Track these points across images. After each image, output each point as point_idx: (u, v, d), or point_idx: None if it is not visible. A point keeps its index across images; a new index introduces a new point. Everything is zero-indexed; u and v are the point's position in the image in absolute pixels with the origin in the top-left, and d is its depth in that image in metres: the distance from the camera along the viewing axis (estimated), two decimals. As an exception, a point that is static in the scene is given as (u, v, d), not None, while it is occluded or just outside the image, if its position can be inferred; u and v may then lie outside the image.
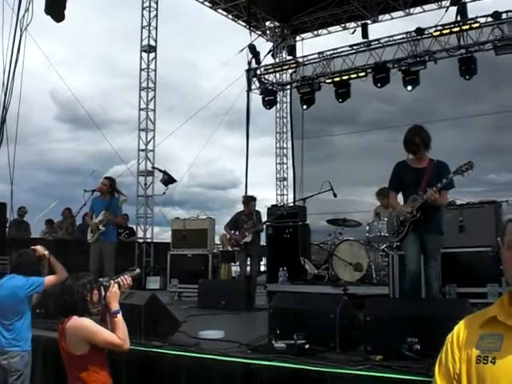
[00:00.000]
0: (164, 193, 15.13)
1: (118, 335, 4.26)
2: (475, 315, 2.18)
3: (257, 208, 11.16)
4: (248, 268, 10.97)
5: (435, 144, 6.57)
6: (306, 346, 5.00)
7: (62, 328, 4.24)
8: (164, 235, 16.97)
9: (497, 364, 1.96)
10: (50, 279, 5.69)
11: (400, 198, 6.73)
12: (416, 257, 6.41)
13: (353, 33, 15.33)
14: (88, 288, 4.41)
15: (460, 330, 2.15)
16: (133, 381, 5.38)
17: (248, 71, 15.70)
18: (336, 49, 14.79)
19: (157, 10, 17.02)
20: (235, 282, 12.05)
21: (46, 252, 5.86)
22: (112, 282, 4.53)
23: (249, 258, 10.87)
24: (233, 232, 10.98)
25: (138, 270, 4.71)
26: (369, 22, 15.76)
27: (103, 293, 4.43)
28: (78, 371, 4.20)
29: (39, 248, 5.86)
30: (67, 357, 4.23)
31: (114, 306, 4.42)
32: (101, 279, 4.69)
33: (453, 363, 2.09)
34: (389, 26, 16.39)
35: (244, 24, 17.89)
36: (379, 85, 13.73)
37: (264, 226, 10.99)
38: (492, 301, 2.18)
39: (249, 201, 11.06)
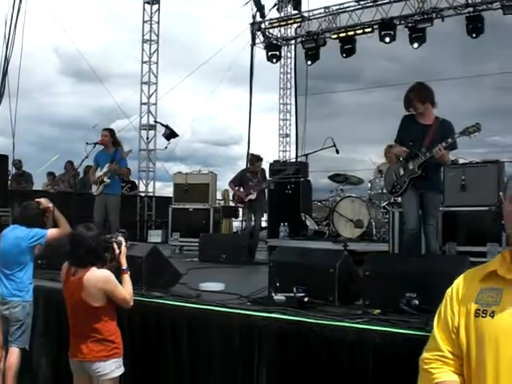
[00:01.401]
0: (166, 147, 15.08)
1: (128, 292, 4.37)
2: (475, 269, 2.19)
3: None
4: (252, 223, 11.01)
5: (440, 103, 6.53)
6: (306, 299, 5.04)
7: (77, 279, 4.28)
8: (166, 190, 17.05)
9: (495, 318, 1.98)
10: (52, 232, 5.73)
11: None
12: (415, 214, 6.44)
13: (360, -13, 15.07)
14: (105, 240, 4.51)
15: (460, 284, 2.16)
16: (134, 331, 5.45)
17: (252, 25, 15.49)
18: (342, 4, 14.55)
19: (160, -40, 16.77)
20: (236, 237, 12.12)
21: (51, 205, 5.89)
22: (123, 239, 4.60)
23: (253, 214, 10.90)
24: (237, 188, 11.00)
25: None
26: (376, -24, 15.50)
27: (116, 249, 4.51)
28: (94, 322, 4.32)
29: (43, 201, 5.88)
30: (82, 307, 4.29)
31: (124, 262, 4.51)
32: (108, 235, 4.74)
33: (452, 317, 2.10)
34: (396, -18, 16.12)
35: (249, -24, 17.60)
36: (387, 40, 13.54)
37: (270, 183, 10.99)
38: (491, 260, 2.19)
39: (254, 160, 11.05)
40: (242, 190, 10.91)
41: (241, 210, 11.82)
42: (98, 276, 4.30)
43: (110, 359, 4.36)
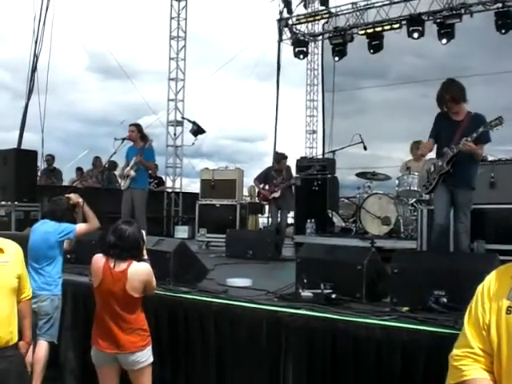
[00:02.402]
0: (193, 143, 15.12)
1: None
2: (507, 266, 2.17)
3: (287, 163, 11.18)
4: (279, 220, 11.01)
5: (469, 99, 6.48)
6: (333, 296, 5.04)
7: (120, 272, 4.39)
8: (192, 186, 17.12)
9: (526, 315, 1.96)
10: (81, 227, 5.80)
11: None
12: (445, 210, 6.40)
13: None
14: (141, 234, 4.64)
15: (491, 280, 2.15)
16: (161, 325, 5.49)
17: (279, 21, 15.49)
18: (370, -1, 14.50)
19: (188, -43, 16.81)
20: (263, 233, 12.12)
21: (80, 200, 5.95)
22: (143, 230, 4.72)
23: (279, 211, 10.90)
24: (262, 186, 11.02)
25: None
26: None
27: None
28: (131, 313, 4.45)
29: (73, 196, 5.94)
30: (124, 299, 4.40)
31: (145, 253, 4.63)
32: None
33: (483, 313, 2.09)
34: (425, -23, 16.00)
35: (277, -27, 17.56)
36: (416, 36, 13.45)
37: (297, 180, 10.98)
38: (520, 259, 2.17)
39: (280, 159, 11.05)
40: (267, 187, 10.92)
41: (267, 206, 11.83)
42: (143, 268, 4.47)
43: (146, 347, 4.51)
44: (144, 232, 4.78)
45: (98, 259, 4.53)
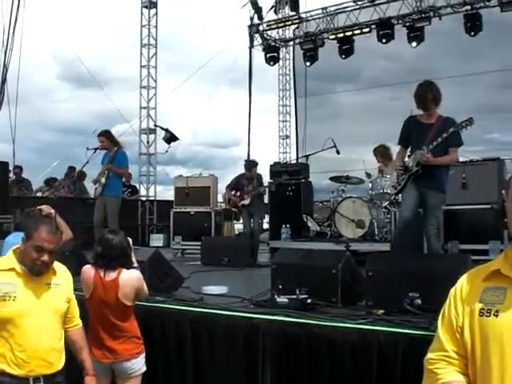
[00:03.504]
0: (166, 151, 15.06)
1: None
2: (479, 269, 2.18)
3: (259, 166, 11.20)
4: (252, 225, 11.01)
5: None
6: (308, 301, 5.04)
7: (111, 281, 4.40)
8: (166, 194, 17.03)
9: (500, 317, 1.97)
10: None
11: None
12: (410, 204, 6.41)
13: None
14: (128, 242, 4.68)
15: (463, 283, 2.15)
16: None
17: (250, 27, 15.52)
18: (340, 4, 14.56)
19: (157, -35, 16.79)
20: (238, 239, 12.10)
21: (52, 211, 5.88)
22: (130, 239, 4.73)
23: (252, 217, 10.90)
24: (233, 193, 11.03)
25: None
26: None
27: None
28: (125, 321, 4.49)
29: (45, 207, 5.86)
30: (117, 308, 4.42)
31: (134, 260, 4.68)
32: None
33: (456, 316, 2.09)
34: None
35: (246, -21, 17.59)
36: (384, 41, 13.55)
37: (266, 188, 10.99)
38: (493, 258, 2.18)
39: (251, 166, 11.07)
40: (238, 194, 10.94)
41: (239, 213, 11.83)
42: (133, 276, 4.51)
43: (141, 355, 4.53)
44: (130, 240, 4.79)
45: (88, 270, 4.52)
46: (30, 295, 3.39)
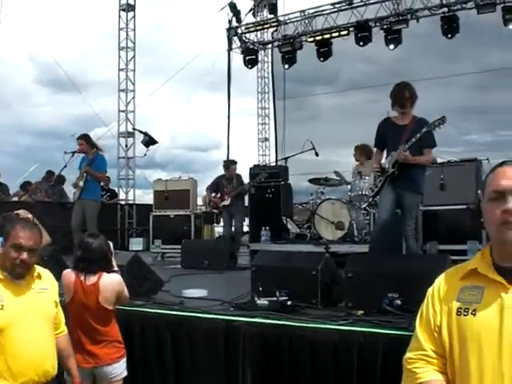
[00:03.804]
0: (145, 154, 15.08)
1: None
2: (456, 268, 2.20)
3: (238, 169, 11.20)
4: (233, 229, 11.00)
5: (416, 103, 6.56)
6: (289, 303, 5.04)
7: (92, 285, 4.38)
8: (146, 198, 16.97)
9: (477, 316, 1.98)
10: None
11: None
12: (388, 206, 6.43)
13: (335, -10, 15.12)
14: (108, 245, 4.65)
15: (441, 282, 2.17)
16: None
17: (229, 30, 15.52)
18: (318, 7, 14.62)
19: (135, -33, 16.74)
20: (218, 242, 12.09)
21: (30, 215, 5.82)
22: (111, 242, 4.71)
23: (233, 218, 10.89)
24: (213, 195, 11.01)
25: None
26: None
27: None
28: (106, 325, 4.46)
29: (22, 212, 5.81)
30: (98, 312, 4.39)
31: (115, 264, 4.69)
32: None
33: (434, 315, 2.11)
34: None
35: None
36: (361, 43, 13.63)
37: (249, 186, 10.98)
38: (471, 258, 2.19)
39: (229, 165, 11.07)
40: (218, 195, 10.93)
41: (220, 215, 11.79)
42: (114, 279, 4.48)
43: (122, 359, 4.50)
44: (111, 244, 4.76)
45: (68, 274, 4.50)
46: (18, 302, 3.27)
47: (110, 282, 4.43)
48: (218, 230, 15.27)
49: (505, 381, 1.90)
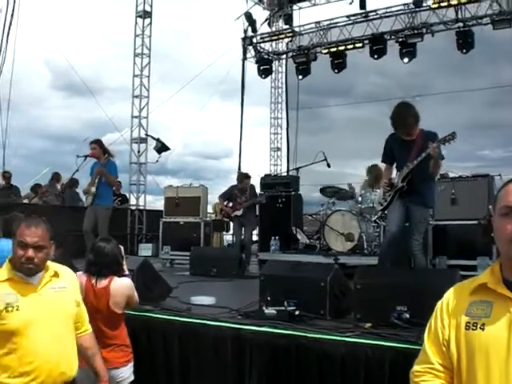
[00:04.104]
0: (157, 160, 15.13)
1: None
2: (465, 283, 2.19)
3: (251, 181, 11.20)
4: (242, 237, 10.99)
5: (430, 118, 6.55)
6: (296, 313, 5.04)
7: (103, 288, 4.41)
8: (156, 204, 17.00)
9: (486, 330, 1.98)
10: None
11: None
12: (397, 220, 6.41)
13: (351, 3, 15.05)
14: (120, 250, 4.68)
15: (450, 297, 2.17)
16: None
17: (244, 39, 15.58)
18: (333, 19, 14.67)
19: (152, -25, 16.83)
20: (227, 250, 12.11)
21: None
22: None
23: (243, 228, 10.90)
24: (226, 203, 11.02)
25: None
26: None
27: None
28: (115, 329, 4.48)
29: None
30: (108, 316, 4.41)
31: (126, 268, 4.74)
32: None
33: (442, 330, 2.10)
34: (387, -3, 16.26)
35: (241, -9, 17.67)
36: (376, 56, 13.67)
37: (259, 200, 10.98)
38: (481, 273, 2.19)
39: (243, 178, 11.07)
40: (230, 205, 10.94)
41: (231, 223, 11.82)
42: (124, 284, 4.51)
43: (129, 363, 4.51)
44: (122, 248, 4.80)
45: (79, 277, 4.51)
46: (34, 302, 3.24)
47: (121, 286, 4.46)
48: (227, 238, 15.30)
49: None
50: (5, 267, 3.35)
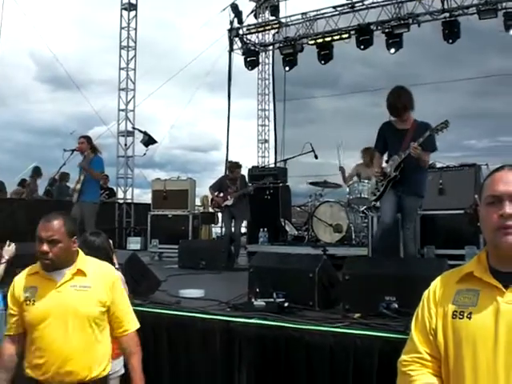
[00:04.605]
0: (144, 153, 15.07)
1: None
2: (452, 272, 2.20)
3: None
4: (233, 229, 10.98)
5: (417, 108, 6.55)
6: (285, 305, 5.05)
7: None
8: (144, 197, 16.97)
9: (473, 319, 1.99)
10: None
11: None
12: (391, 210, 6.45)
13: (336, -6, 15.11)
14: (109, 243, 4.69)
15: (437, 285, 2.17)
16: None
17: (230, 31, 15.51)
18: (319, 10, 14.63)
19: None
20: (215, 243, 12.10)
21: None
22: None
23: (233, 220, 10.89)
24: (216, 194, 10.99)
25: None
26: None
27: None
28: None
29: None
30: None
31: (116, 261, 4.75)
32: None
33: (429, 318, 2.11)
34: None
35: (226, -18, 17.58)
36: (362, 47, 13.62)
37: (250, 189, 10.97)
38: (469, 262, 2.20)
39: (234, 168, 11.04)
40: (221, 195, 10.91)
41: (220, 215, 11.77)
42: None
43: (120, 356, 4.43)
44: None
45: None
46: (51, 299, 3.26)
47: None
48: (216, 230, 15.28)
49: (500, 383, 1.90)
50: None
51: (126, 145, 16.83)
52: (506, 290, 1.97)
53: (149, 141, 14.13)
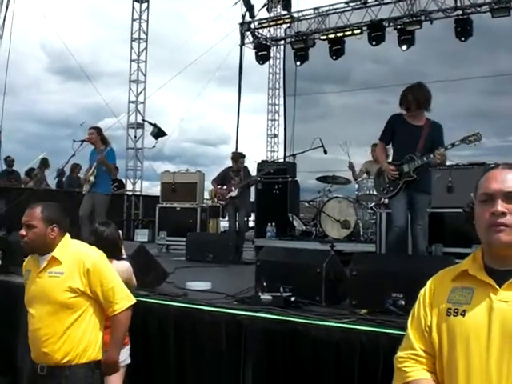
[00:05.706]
0: (154, 146, 15.11)
1: None
2: (448, 269, 2.22)
3: (246, 164, 11.19)
4: (237, 223, 11.00)
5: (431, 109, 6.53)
6: (292, 299, 5.04)
7: None
8: (153, 189, 17.03)
9: (466, 316, 2.01)
10: None
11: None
12: (404, 212, 6.46)
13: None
14: (118, 234, 4.77)
15: (432, 283, 2.21)
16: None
17: (241, 25, 15.50)
18: (332, 5, 14.59)
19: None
20: (223, 236, 12.12)
21: None
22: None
23: (237, 213, 10.90)
24: (220, 186, 11.01)
25: None
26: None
27: None
28: None
29: None
30: None
31: (124, 252, 4.83)
32: None
33: (424, 316, 2.14)
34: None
35: (239, -24, 17.55)
36: (374, 43, 13.60)
37: (254, 179, 10.98)
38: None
39: (237, 157, 11.05)
40: (224, 187, 10.92)
41: (225, 208, 11.76)
42: (124, 266, 4.58)
43: (126, 347, 4.52)
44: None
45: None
46: (35, 284, 3.49)
47: (120, 269, 4.40)
48: (224, 224, 15.31)
49: (492, 381, 1.92)
50: None
51: (135, 137, 16.88)
52: (500, 288, 1.99)
53: (158, 133, 14.16)
